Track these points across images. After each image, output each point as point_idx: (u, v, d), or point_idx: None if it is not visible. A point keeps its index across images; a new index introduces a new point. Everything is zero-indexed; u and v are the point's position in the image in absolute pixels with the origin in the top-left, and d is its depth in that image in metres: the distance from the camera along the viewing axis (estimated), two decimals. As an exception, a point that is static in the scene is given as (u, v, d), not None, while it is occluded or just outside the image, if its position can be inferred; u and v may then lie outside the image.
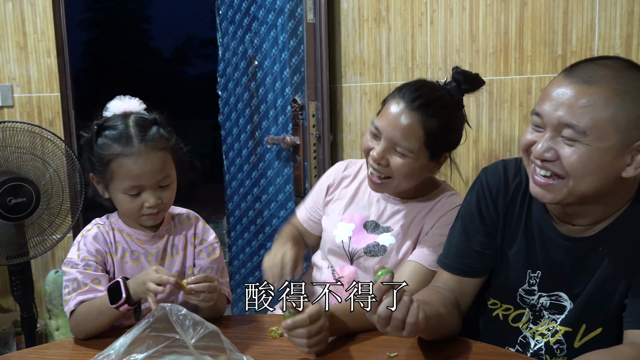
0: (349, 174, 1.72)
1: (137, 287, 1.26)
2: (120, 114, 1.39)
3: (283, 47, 2.75)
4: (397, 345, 1.25)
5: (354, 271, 1.61)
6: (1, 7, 2.75)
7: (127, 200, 1.37)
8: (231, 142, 3.21)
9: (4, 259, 2.22)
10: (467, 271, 1.36)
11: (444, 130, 1.46)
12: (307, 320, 1.15)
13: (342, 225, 1.64)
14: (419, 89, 1.47)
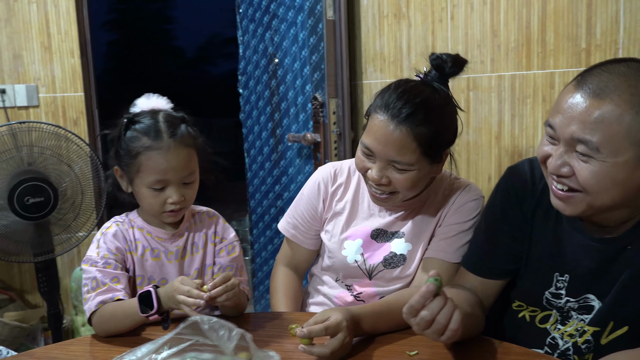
0: (340, 183, 1.59)
1: (168, 299, 1.26)
2: (149, 110, 1.41)
3: (303, 45, 2.75)
4: (417, 344, 1.24)
5: (374, 285, 1.55)
6: (26, 9, 2.80)
7: (150, 195, 1.38)
8: (252, 140, 3.22)
9: (30, 256, 2.26)
10: (491, 273, 1.34)
11: (437, 133, 1.36)
12: (323, 332, 1.13)
13: (348, 243, 1.55)
14: (400, 97, 1.34)
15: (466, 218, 1.48)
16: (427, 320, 1.04)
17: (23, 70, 2.82)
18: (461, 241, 1.46)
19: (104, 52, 17.70)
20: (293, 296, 1.64)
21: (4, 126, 2.23)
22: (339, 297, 1.59)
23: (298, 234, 1.65)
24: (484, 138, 2.16)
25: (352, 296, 1.57)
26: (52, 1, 2.82)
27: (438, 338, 1.06)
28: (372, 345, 1.25)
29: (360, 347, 1.23)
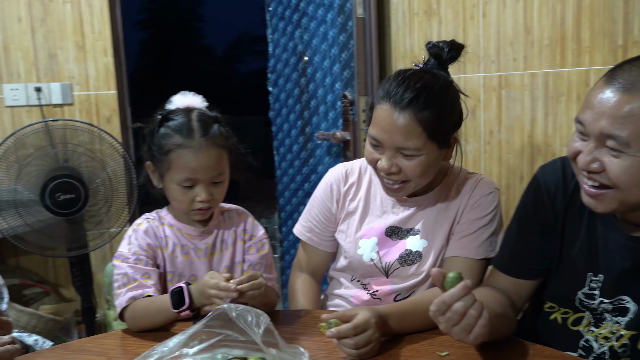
0: (352, 183, 1.59)
1: (199, 295, 1.27)
2: (183, 108, 1.42)
3: (333, 43, 2.74)
4: (447, 344, 1.23)
5: (390, 283, 1.54)
6: (60, 8, 2.85)
7: (180, 192, 1.39)
8: (282, 138, 3.23)
9: (64, 251, 2.30)
10: (522, 273, 1.32)
11: (442, 117, 1.35)
12: (352, 331, 1.13)
13: (363, 242, 1.54)
14: (401, 84, 1.35)
15: (484, 213, 1.47)
16: (460, 312, 1.03)
17: (58, 69, 2.88)
18: (482, 237, 1.45)
19: (136, 51, 17.97)
20: (311, 300, 1.64)
21: (39, 123, 2.28)
22: (356, 297, 1.58)
23: (314, 237, 1.64)
24: (516, 137, 2.13)
25: (368, 295, 1.56)
26: (86, 1, 2.87)
27: (466, 336, 1.04)
28: (401, 344, 1.24)
29: (389, 346, 1.23)
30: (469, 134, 2.31)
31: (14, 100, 2.84)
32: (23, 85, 2.84)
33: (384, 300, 1.53)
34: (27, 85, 2.85)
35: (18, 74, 2.85)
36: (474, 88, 2.26)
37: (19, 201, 2.17)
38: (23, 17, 2.82)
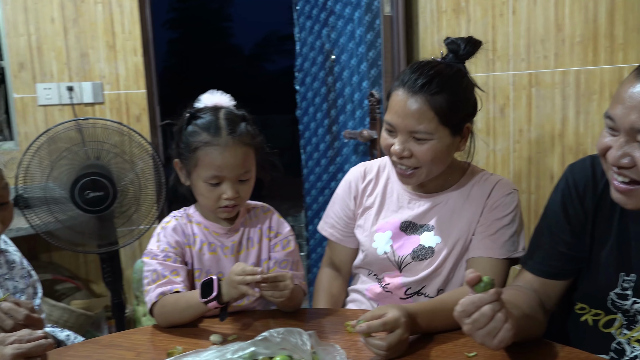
0: (370, 180, 1.63)
1: (228, 287, 1.28)
2: (211, 107, 1.44)
3: (360, 41, 2.74)
4: (475, 344, 1.21)
5: (402, 276, 1.55)
6: (92, 9, 2.90)
7: (206, 189, 1.41)
8: (309, 137, 3.24)
9: (95, 247, 2.34)
10: (551, 273, 1.30)
11: (454, 102, 1.39)
12: (382, 327, 1.14)
13: (378, 236, 1.57)
14: (415, 71, 1.41)
15: (504, 213, 1.48)
16: (488, 316, 1.01)
17: (89, 68, 2.93)
18: (504, 237, 1.46)
19: (165, 50, 18.18)
20: (331, 296, 1.67)
21: (71, 121, 2.32)
22: (369, 290, 1.60)
23: (335, 233, 1.68)
24: (547, 136, 2.10)
25: (380, 287, 1.58)
26: (117, 1, 2.92)
27: (490, 340, 1.03)
28: (429, 344, 1.24)
29: (417, 345, 1.22)
30: (498, 133, 2.28)
31: (47, 99, 2.90)
32: (56, 85, 2.90)
33: (394, 293, 1.55)
34: (59, 84, 2.90)
35: (51, 74, 2.91)
36: (504, 86, 2.23)
37: (50, 198, 2.21)
38: (56, 18, 2.87)
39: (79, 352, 1.27)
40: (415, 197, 1.56)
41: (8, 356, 1.01)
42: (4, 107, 3.02)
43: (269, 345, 1.06)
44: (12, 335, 1.05)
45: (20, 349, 1.02)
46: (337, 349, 1.07)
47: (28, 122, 2.91)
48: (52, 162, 2.21)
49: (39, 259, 3.00)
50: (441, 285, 1.52)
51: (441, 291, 1.52)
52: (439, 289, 1.53)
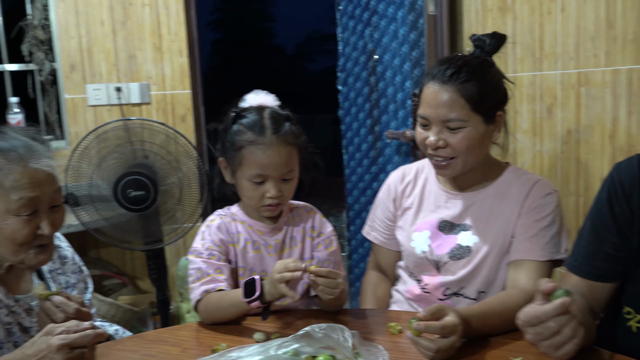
0: (408, 182, 1.65)
1: (270, 286, 1.29)
2: (256, 106, 1.46)
3: (403, 41, 2.72)
4: (522, 350, 1.20)
5: (440, 276, 1.54)
6: (140, 12, 2.97)
7: (250, 188, 1.42)
8: (351, 137, 3.24)
9: (141, 244, 2.39)
10: (598, 275, 1.27)
11: (483, 89, 1.43)
12: (439, 330, 1.13)
13: (416, 235, 1.58)
14: (444, 63, 1.46)
15: (544, 214, 1.46)
16: (553, 330, 1.00)
17: (137, 69, 3.01)
18: (545, 238, 1.44)
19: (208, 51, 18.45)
20: (377, 299, 1.68)
21: (119, 121, 2.37)
22: (409, 291, 1.60)
23: (379, 236, 1.70)
24: (596, 137, 2.04)
25: (419, 288, 1.58)
26: (164, 4, 2.98)
27: (554, 352, 1.01)
28: (475, 348, 1.22)
29: (462, 349, 1.20)
30: (545, 133, 2.23)
31: (96, 99, 2.99)
32: (104, 86, 2.98)
33: (433, 294, 1.55)
34: (108, 85, 2.98)
35: (100, 75, 2.99)
36: (551, 86, 2.18)
37: (96, 196, 2.27)
38: (105, 20, 2.95)
39: (127, 346, 1.30)
40: (453, 196, 1.56)
41: (54, 346, 1.04)
42: (55, 107, 3.13)
43: (310, 340, 1.06)
44: (60, 326, 1.09)
45: (66, 339, 1.05)
46: (380, 349, 1.07)
47: (78, 122, 3.00)
48: (99, 161, 2.27)
49: (88, 255, 3.09)
50: (481, 286, 1.51)
51: (482, 293, 1.51)
52: (479, 291, 1.51)
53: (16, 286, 1.33)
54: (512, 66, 2.35)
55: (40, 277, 1.40)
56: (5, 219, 1.21)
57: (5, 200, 1.20)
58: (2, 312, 1.26)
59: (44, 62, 3.04)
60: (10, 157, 1.21)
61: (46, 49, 3.03)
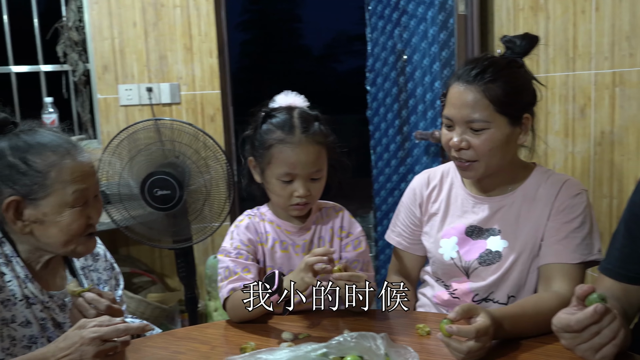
0: (434, 186, 1.62)
1: (296, 276, 1.29)
2: (285, 106, 1.47)
3: (433, 41, 2.70)
4: (553, 354, 1.18)
5: (469, 282, 1.52)
6: (171, 13, 3.01)
7: (279, 187, 1.43)
8: (379, 137, 3.22)
9: (170, 243, 2.42)
10: (633, 278, 1.24)
11: (510, 90, 1.39)
12: (473, 334, 1.11)
13: (444, 242, 1.55)
14: (470, 63, 1.44)
15: (573, 215, 1.43)
16: (592, 332, 0.98)
17: (167, 70, 3.04)
18: (576, 240, 1.41)
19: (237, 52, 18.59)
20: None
21: (148, 121, 2.40)
22: (437, 296, 1.59)
23: (403, 241, 1.67)
24: (631, 138, 2.00)
25: (448, 294, 1.56)
26: (194, 5, 3.01)
27: (592, 355, 0.99)
28: (505, 350, 1.20)
29: (493, 351, 1.19)
30: (578, 134, 2.19)
31: (128, 99, 3.04)
32: (136, 86, 3.03)
33: (462, 300, 1.53)
34: (139, 85, 3.03)
35: (132, 75, 3.04)
36: (584, 86, 2.14)
37: (124, 194, 2.31)
38: (138, 22, 3.00)
39: (157, 343, 1.32)
40: (480, 201, 1.53)
41: (87, 338, 1.07)
42: (88, 107, 3.19)
43: (342, 348, 1.06)
44: (92, 320, 1.12)
45: (98, 332, 1.08)
46: (410, 351, 1.07)
47: (110, 122, 3.05)
48: (129, 160, 2.31)
49: (119, 252, 3.14)
50: (512, 291, 1.49)
51: (512, 297, 1.49)
52: (509, 295, 1.49)
53: (51, 282, 1.36)
54: (544, 66, 2.31)
55: (72, 273, 1.42)
56: (62, 212, 1.25)
57: (61, 194, 1.24)
58: (36, 308, 1.29)
59: (77, 62, 3.10)
60: (59, 153, 1.25)
61: (80, 50, 3.10)
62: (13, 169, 1.23)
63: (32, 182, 1.23)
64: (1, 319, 1.23)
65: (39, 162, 1.23)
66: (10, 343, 1.24)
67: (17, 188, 1.23)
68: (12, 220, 1.24)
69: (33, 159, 1.23)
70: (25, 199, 1.23)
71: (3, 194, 1.24)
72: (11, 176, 1.23)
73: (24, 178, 1.23)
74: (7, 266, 1.27)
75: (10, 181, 1.23)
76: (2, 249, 1.28)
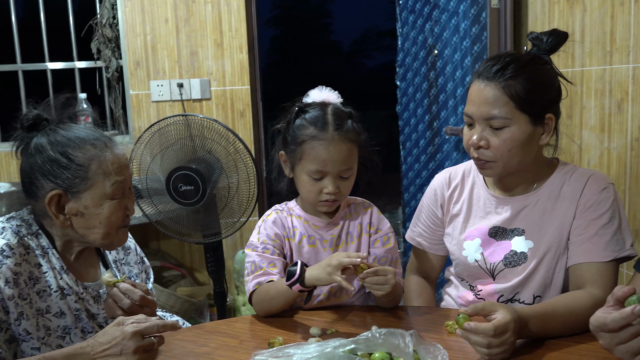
0: (455, 186, 1.58)
1: (321, 272, 1.29)
2: (319, 102, 1.46)
3: (465, 35, 2.66)
4: (585, 353, 1.16)
5: (494, 284, 1.49)
6: (202, 9, 3.03)
7: (308, 183, 1.43)
8: (408, 133, 3.20)
9: (199, 238, 2.44)
10: None
11: (531, 87, 1.34)
12: (491, 332, 1.10)
13: (467, 244, 1.52)
14: (491, 60, 1.40)
15: (601, 211, 1.38)
16: (631, 333, 0.95)
17: (198, 66, 3.07)
18: (606, 237, 1.36)
19: (267, 47, 18.66)
20: (426, 302, 1.63)
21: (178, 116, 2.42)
22: (462, 297, 1.56)
23: (423, 241, 1.65)
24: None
25: (473, 295, 1.53)
26: (225, 1, 3.02)
27: (631, 357, 0.96)
28: (534, 350, 1.18)
29: (522, 350, 1.17)
30: (614, 129, 2.14)
31: (160, 95, 3.07)
32: (167, 82, 3.06)
33: (487, 301, 1.48)
34: (170, 81, 3.06)
35: (163, 71, 3.07)
36: (622, 80, 2.09)
37: (152, 189, 2.34)
38: (169, 18, 3.03)
39: (186, 336, 1.33)
40: (502, 201, 1.49)
41: (129, 333, 1.10)
42: (121, 103, 3.23)
43: (370, 345, 1.05)
44: (130, 318, 1.15)
45: (138, 327, 1.12)
46: (439, 348, 1.06)
47: (142, 118, 3.09)
48: (159, 155, 2.33)
49: (149, 246, 3.19)
50: (537, 291, 1.45)
51: (538, 297, 1.45)
52: (535, 295, 1.45)
53: (85, 274, 1.39)
54: (579, 60, 2.26)
55: (105, 266, 1.45)
56: (102, 204, 1.28)
57: (101, 186, 1.27)
58: (71, 299, 1.32)
59: (111, 59, 3.15)
60: (98, 146, 1.28)
61: (113, 46, 3.14)
62: (54, 163, 1.26)
63: (73, 176, 1.26)
64: (37, 309, 1.26)
65: (79, 156, 1.26)
66: (46, 333, 1.26)
67: (58, 182, 1.26)
68: (54, 214, 1.27)
69: (74, 153, 1.26)
70: (67, 193, 1.26)
71: (44, 188, 1.26)
72: (52, 171, 1.26)
73: (66, 172, 1.25)
74: (43, 258, 1.30)
75: (52, 175, 1.26)
76: (38, 240, 1.31)
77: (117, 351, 1.10)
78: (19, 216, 1.33)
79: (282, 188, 1.54)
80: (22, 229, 1.30)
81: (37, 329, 1.25)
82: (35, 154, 1.27)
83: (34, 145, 1.28)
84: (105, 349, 1.11)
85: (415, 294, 1.65)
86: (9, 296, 1.20)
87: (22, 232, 1.29)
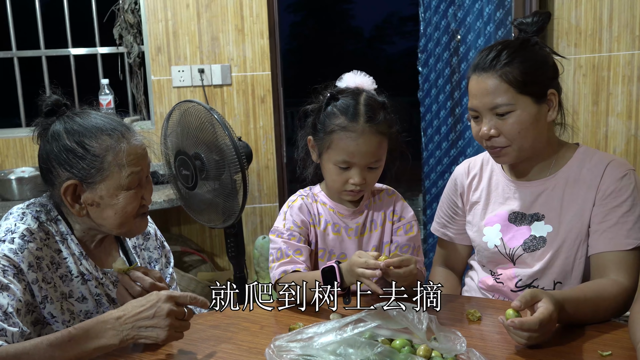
0: (474, 175, 1.59)
1: (348, 274, 1.28)
2: (353, 89, 1.42)
3: (489, 20, 2.62)
4: (610, 343, 1.14)
5: (514, 269, 1.48)
6: (223, -6, 3.02)
7: (335, 172, 1.41)
8: (430, 119, 3.17)
9: (220, 222, 2.45)
10: None
11: (527, 69, 1.36)
12: (537, 326, 1.09)
13: (487, 230, 1.52)
14: (483, 51, 1.42)
15: (622, 198, 1.37)
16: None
17: (219, 52, 3.06)
18: (627, 224, 1.35)
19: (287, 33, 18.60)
20: (448, 291, 1.62)
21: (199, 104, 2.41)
22: (482, 282, 1.56)
23: (447, 232, 1.66)
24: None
25: (493, 279, 1.53)
26: (246, -14, 3.01)
27: None
28: (562, 339, 1.17)
29: (551, 341, 1.16)
30: (642, 117, 2.09)
31: (181, 81, 3.08)
32: (188, 67, 3.06)
33: (506, 284, 1.50)
34: (191, 67, 3.06)
35: (185, 57, 3.07)
36: (650, 66, 2.04)
37: (168, 174, 2.34)
38: (190, 4, 3.02)
39: (207, 321, 1.34)
40: (521, 186, 1.49)
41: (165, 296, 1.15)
42: (142, 88, 3.25)
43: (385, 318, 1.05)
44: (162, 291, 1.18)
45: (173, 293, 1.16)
46: (458, 335, 1.05)
47: (163, 103, 3.11)
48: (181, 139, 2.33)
49: (170, 231, 3.21)
50: (558, 277, 1.44)
51: (559, 284, 1.44)
52: (555, 281, 1.44)
53: (105, 260, 1.40)
54: (606, 45, 2.21)
55: (125, 252, 1.46)
56: (117, 194, 1.28)
57: (117, 177, 1.27)
58: (92, 284, 1.33)
59: (132, 45, 3.16)
60: (115, 137, 1.28)
61: (135, 32, 3.15)
62: (70, 152, 1.26)
63: (89, 167, 1.26)
64: (61, 293, 1.28)
65: (96, 146, 1.26)
66: (70, 316, 1.28)
67: (74, 172, 1.26)
68: (70, 204, 1.28)
69: (90, 143, 1.26)
70: (82, 183, 1.27)
71: (60, 176, 1.27)
72: (68, 160, 1.26)
73: (82, 162, 1.26)
74: (62, 244, 1.31)
75: (68, 165, 1.26)
76: (57, 227, 1.32)
77: (150, 314, 1.12)
78: (38, 202, 1.34)
79: (308, 173, 1.53)
80: (42, 215, 1.31)
81: (62, 313, 1.26)
82: (52, 141, 1.27)
83: (51, 132, 1.28)
84: (139, 312, 1.13)
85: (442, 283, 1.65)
86: (33, 280, 1.22)
87: (42, 218, 1.30)
